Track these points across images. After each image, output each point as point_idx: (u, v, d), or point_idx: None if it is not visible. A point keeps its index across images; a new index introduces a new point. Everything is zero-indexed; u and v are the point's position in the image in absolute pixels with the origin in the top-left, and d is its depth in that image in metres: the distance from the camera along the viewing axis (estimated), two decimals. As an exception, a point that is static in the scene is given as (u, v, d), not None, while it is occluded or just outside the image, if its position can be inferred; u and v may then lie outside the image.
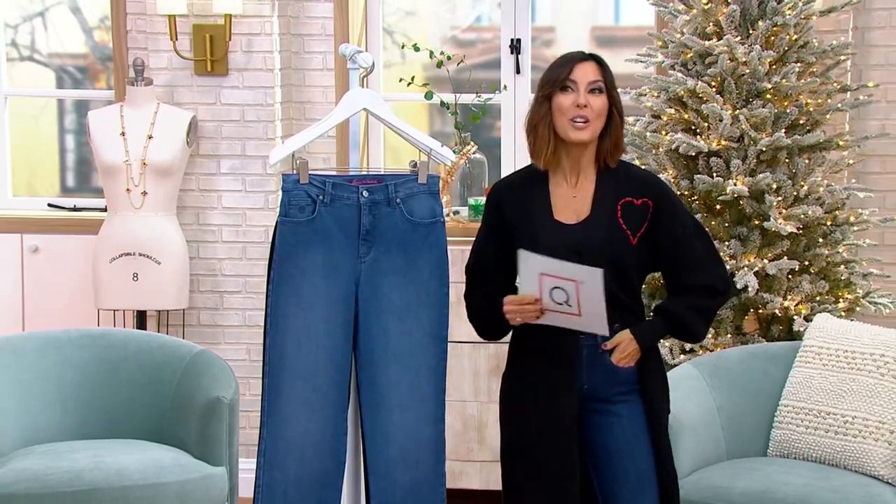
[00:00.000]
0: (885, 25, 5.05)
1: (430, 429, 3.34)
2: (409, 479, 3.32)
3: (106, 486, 3.84)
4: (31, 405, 4.20)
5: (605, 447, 3.18)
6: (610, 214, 3.16)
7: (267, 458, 3.30)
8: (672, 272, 3.25)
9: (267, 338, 3.31)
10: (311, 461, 3.28)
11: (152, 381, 4.29)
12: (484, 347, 4.99)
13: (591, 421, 3.19)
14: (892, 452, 3.77)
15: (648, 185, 3.22)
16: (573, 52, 3.22)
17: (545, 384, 3.16)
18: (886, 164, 5.07)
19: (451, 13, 5.72)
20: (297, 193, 3.31)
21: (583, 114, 3.12)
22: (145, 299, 5.11)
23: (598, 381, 3.17)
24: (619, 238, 3.15)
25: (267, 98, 5.26)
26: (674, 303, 3.22)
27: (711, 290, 3.21)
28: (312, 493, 3.28)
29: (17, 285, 5.51)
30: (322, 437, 3.28)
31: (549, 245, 3.11)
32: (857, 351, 3.94)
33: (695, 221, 3.28)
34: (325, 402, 3.28)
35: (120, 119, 5.14)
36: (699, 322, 3.21)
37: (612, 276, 3.08)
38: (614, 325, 3.12)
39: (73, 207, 5.66)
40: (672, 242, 3.20)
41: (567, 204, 3.18)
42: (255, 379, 5.25)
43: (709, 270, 3.22)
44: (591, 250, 3.12)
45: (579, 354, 3.15)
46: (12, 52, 5.77)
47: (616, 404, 3.18)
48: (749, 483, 3.72)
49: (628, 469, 3.16)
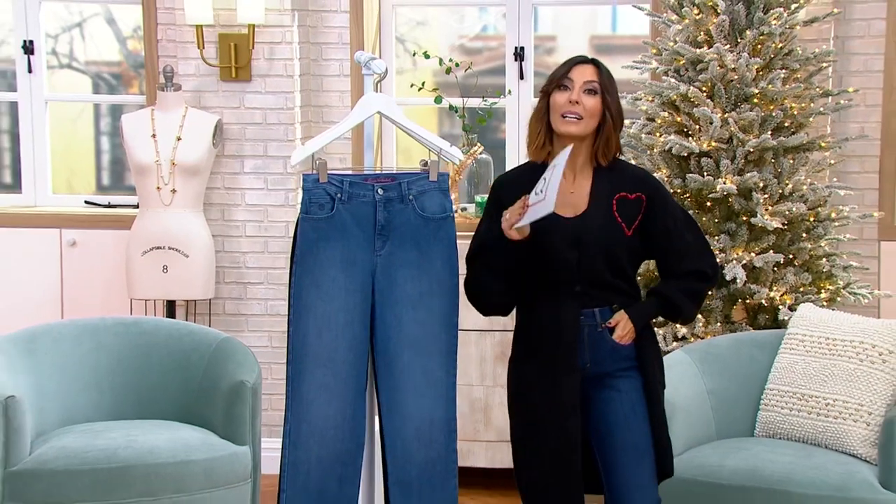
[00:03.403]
0: (863, 35, 5.06)
1: (443, 410, 3.34)
2: (423, 457, 3.32)
3: (139, 463, 3.84)
4: (69, 388, 4.20)
5: (604, 420, 3.19)
6: (606, 208, 3.17)
7: (291, 438, 3.29)
8: (664, 260, 3.26)
9: (290, 327, 3.30)
10: (331, 441, 3.28)
11: (181, 365, 4.28)
12: (490, 335, 4.98)
13: (593, 396, 3.20)
14: (869, 433, 3.75)
15: (641, 180, 3.23)
16: (578, 55, 3.24)
17: (549, 367, 3.16)
18: (865, 163, 5.07)
19: (459, 23, 5.71)
20: (317, 192, 3.30)
21: (574, 110, 3.12)
22: (174, 290, 5.11)
23: (599, 359, 3.18)
24: (614, 230, 3.16)
25: (287, 102, 5.25)
26: (666, 286, 3.24)
27: (700, 275, 3.23)
28: (334, 471, 3.27)
29: (56, 276, 5.51)
30: (342, 418, 3.27)
31: (548, 236, 3.11)
32: (838, 338, 3.92)
33: (685, 213, 3.29)
34: (344, 386, 3.27)
35: (151, 122, 5.13)
36: (688, 303, 3.23)
37: (608, 264, 3.13)
38: (612, 305, 3.16)
39: (107, 204, 5.65)
40: (664, 233, 3.20)
41: (565, 199, 3.17)
42: (276, 364, 5.25)
43: (698, 258, 3.24)
44: (589, 242, 3.13)
45: (580, 335, 3.15)
46: (52, 61, 5.77)
47: (616, 379, 3.19)
48: (737, 461, 3.71)
49: (626, 440, 3.17)
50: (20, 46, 5.61)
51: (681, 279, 3.22)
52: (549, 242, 3.12)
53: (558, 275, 3.15)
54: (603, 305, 3.17)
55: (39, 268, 5.50)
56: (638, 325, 3.17)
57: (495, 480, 5.09)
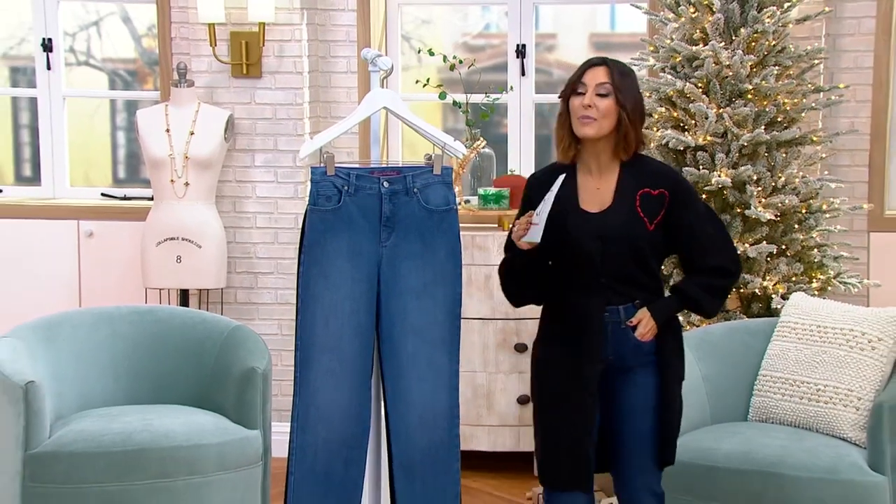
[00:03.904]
0: (854, 33, 5.06)
1: (446, 396, 3.34)
2: (426, 442, 3.32)
3: (154, 446, 3.84)
4: (87, 373, 4.21)
5: (618, 409, 3.24)
6: (629, 204, 3.18)
7: (299, 423, 3.29)
8: (686, 255, 3.26)
9: (298, 315, 3.30)
10: (338, 425, 3.27)
11: (194, 352, 4.28)
12: (492, 323, 4.98)
13: (612, 386, 3.24)
14: (858, 417, 3.75)
15: (665, 177, 3.24)
16: (592, 57, 3.27)
17: (572, 355, 3.20)
18: (855, 157, 5.07)
19: (462, 21, 5.70)
20: (325, 184, 3.29)
21: (588, 114, 3.15)
22: (188, 279, 5.11)
23: (622, 354, 3.21)
24: (637, 225, 3.17)
25: (296, 98, 5.24)
26: (687, 282, 3.25)
27: (722, 271, 3.23)
28: (340, 454, 3.27)
29: (74, 266, 5.51)
30: (348, 403, 3.27)
31: (574, 231, 3.16)
32: (829, 326, 3.92)
33: (708, 209, 3.28)
34: (350, 372, 3.27)
35: (165, 117, 5.12)
36: (708, 300, 3.23)
37: (631, 257, 3.16)
38: (635, 302, 3.19)
39: (123, 197, 5.65)
40: (686, 228, 3.21)
41: (592, 195, 3.21)
42: (286, 351, 5.25)
43: (719, 253, 3.23)
44: (612, 236, 3.16)
45: (605, 330, 3.19)
46: (70, 58, 5.76)
47: (635, 373, 3.22)
48: (731, 445, 3.71)
49: (633, 429, 3.22)
50: (39, 44, 5.61)
51: (702, 275, 3.22)
52: (575, 237, 3.16)
53: (584, 268, 3.18)
54: (627, 302, 3.19)
55: (58, 258, 5.51)
56: (659, 322, 3.19)
57: (497, 463, 5.10)
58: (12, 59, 5.82)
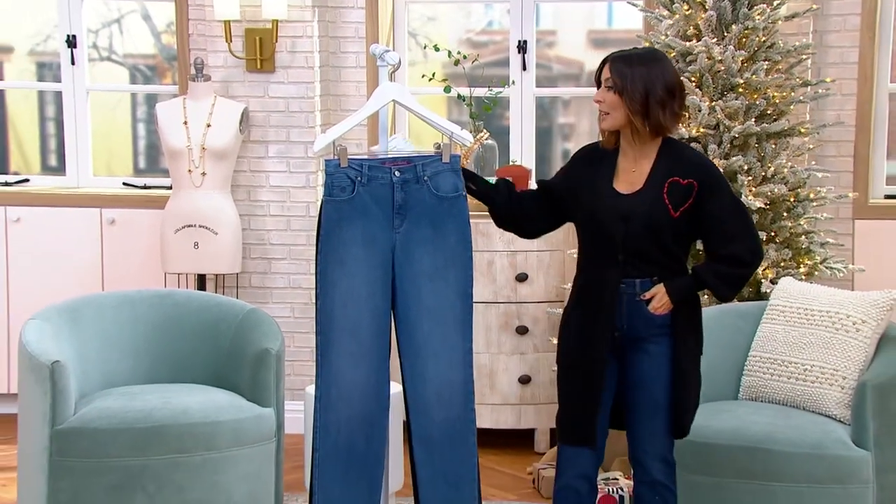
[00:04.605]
0: (840, 29, 5.05)
1: (460, 373, 3.33)
2: (443, 416, 3.32)
3: (173, 423, 3.84)
4: (109, 354, 4.20)
5: (631, 379, 3.26)
6: (657, 190, 3.19)
7: (322, 403, 3.29)
8: (708, 242, 3.27)
9: (317, 301, 3.29)
10: (358, 404, 3.27)
11: (211, 334, 4.28)
12: (494, 307, 4.97)
13: (628, 355, 3.26)
14: (843, 395, 3.74)
15: (696, 166, 3.23)
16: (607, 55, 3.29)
17: (589, 322, 3.25)
18: (841, 148, 5.07)
19: (466, 18, 5.69)
20: (339, 176, 3.28)
21: (600, 108, 3.22)
22: (205, 264, 5.10)
23: (634, 325, 3.23)
24: (660, 211, 3.18)
25: (308, 92, 5.23)
26: (705, 267, 3.25)
27: (738, 261, 3.22)
28: (361, 431, 3.28)
29: (97, 252, 5.51)
30: (367, 383, 3.27)
31: (602, 208, 3.21)
32: (816, 309, 3.91)
33: (734, 199, 3.26)
34: (368, 353, 3.27)
35: (183, 110, 5.11)
36: (722, 286, 3.24)
37: (651, 240, 3.19)
38: (653, 278, 3.21)
39: (143, 186, 5.64)
40: (710, 218, 3.21)
41: (627, 176, 3.25)
42: (298, 333, 5.25)
43: (739, 244, 3.22)
44: (635, 218, 3.18)
45: (620, 300, 3.21)
46: (93, 54, 5.75)
47: (649, 343, 3.24)
48: (722, 422, 3.71)
49: (646, 398, 3.24)
50: (64, 41, 5.60)
51: (720, 262, 3.23)
52: (602, 214, 3.21)
53: (606, 244, 3.22)
54: (644, 277, 3.21)
55: (82, 244, 5.50)
56: (674, 300, 3.20)
57: (500, 440, 5.10)
58: (39, 55, 5.81)
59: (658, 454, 3.25)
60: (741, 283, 3.27)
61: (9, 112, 5.91)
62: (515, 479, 4.72)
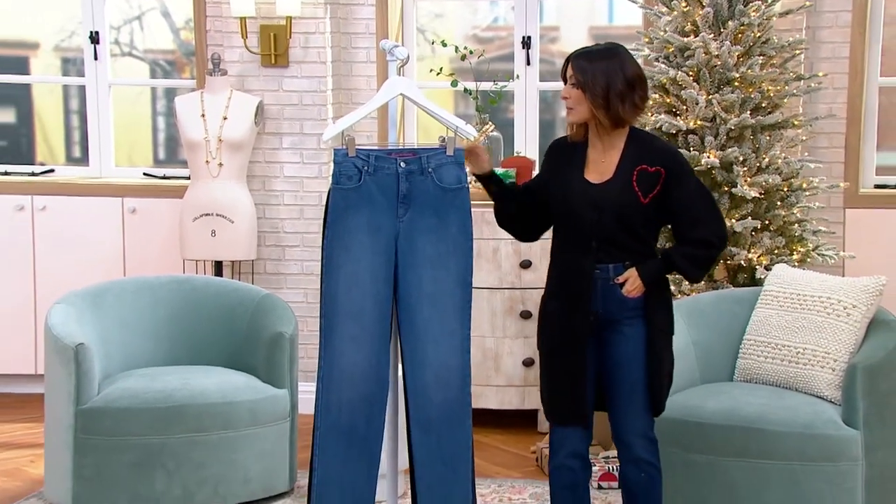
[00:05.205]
0: (832, 25, 5.03)
1: (458, 358, 3.33)
2: (441, 399, 3.31)
3: (191, 403, 3.86)
4: (131, 337, 4.22)
5: (610, 360, 3.25)
6: (626, 178, 3.18)
7: (324, 383, 3.28)
8: (677, 227, 3.26)
9: (322, 285, 3.29)
10: (359, 385, 3.27)
11: (227, 318, 4.29)
12: (499, 293, 4.96)
13: (604, 339, 3.25)
14: (834, 377, 3.73)
15: (662, 154, 3.22)
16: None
17: (566, 308, 3.24)
18: (832, 140, 5.05)
19: (472, 15, 5.68)
20: (346, 165, 3.27)
21: (566, 104, 3.22)
22: (221, 251, 5.11)
23: (609, 308, 3.22)
24: (630, 198, 3.17)
25: (320, 86, 5.22)
26: (675, 250, 3.25)
27: (706, 243, 3.22)
28: (362, 411, 3.27)
29: (118, 240, 5.52)
30: (368, 365, 3.26)
31: (574, 198, 3.20)
32: (808, 294, 3.90)
33: (700, 186, 3.26)
34: (370, 337, 3.26)
35: (201, 103, 5.11)
36: (691, 268, 3.23)
37: (622, 227, 3.18)
38: (625, 263, 3.19)
39: (163, 176, 5.65)
40: (677, 203, 3.20)
41: (597, 167, 3.23)
42: (311, 317, 5.25)
43: (705, 227, 3.21)
44: (606, 206, 3.17)
45: (594, 285, 3.20)
46: (115, 50, 5.75)
47: (624, 325, 3.22)
48: (718, 402, 3.70)
49: (624, 378, 3.22)
50: (87, 37, 5.60)
51: (689, 245, 3.22)
52: (574, 203, 3.20)
53: (579, 231, 3.21)
54: (616, 262, 3.20)
55: (104, 232, 5.51)
56: (646, 282, 3.19)
57: (505, 420, 5.10)
58: (63, 50, 5.82)
59: (640, 432, 3.23)
60: (709, 265, 3.26)
61: (35, 105, 5.91)
62: (519, 458, 4.72)
